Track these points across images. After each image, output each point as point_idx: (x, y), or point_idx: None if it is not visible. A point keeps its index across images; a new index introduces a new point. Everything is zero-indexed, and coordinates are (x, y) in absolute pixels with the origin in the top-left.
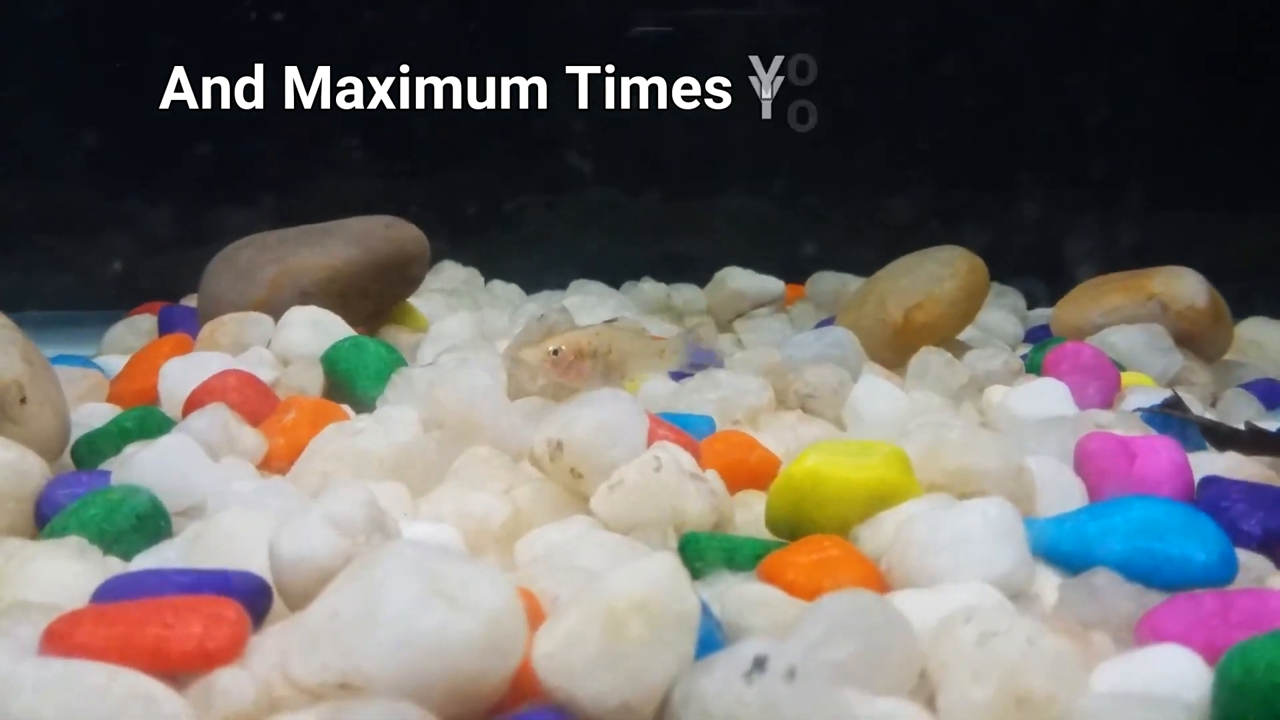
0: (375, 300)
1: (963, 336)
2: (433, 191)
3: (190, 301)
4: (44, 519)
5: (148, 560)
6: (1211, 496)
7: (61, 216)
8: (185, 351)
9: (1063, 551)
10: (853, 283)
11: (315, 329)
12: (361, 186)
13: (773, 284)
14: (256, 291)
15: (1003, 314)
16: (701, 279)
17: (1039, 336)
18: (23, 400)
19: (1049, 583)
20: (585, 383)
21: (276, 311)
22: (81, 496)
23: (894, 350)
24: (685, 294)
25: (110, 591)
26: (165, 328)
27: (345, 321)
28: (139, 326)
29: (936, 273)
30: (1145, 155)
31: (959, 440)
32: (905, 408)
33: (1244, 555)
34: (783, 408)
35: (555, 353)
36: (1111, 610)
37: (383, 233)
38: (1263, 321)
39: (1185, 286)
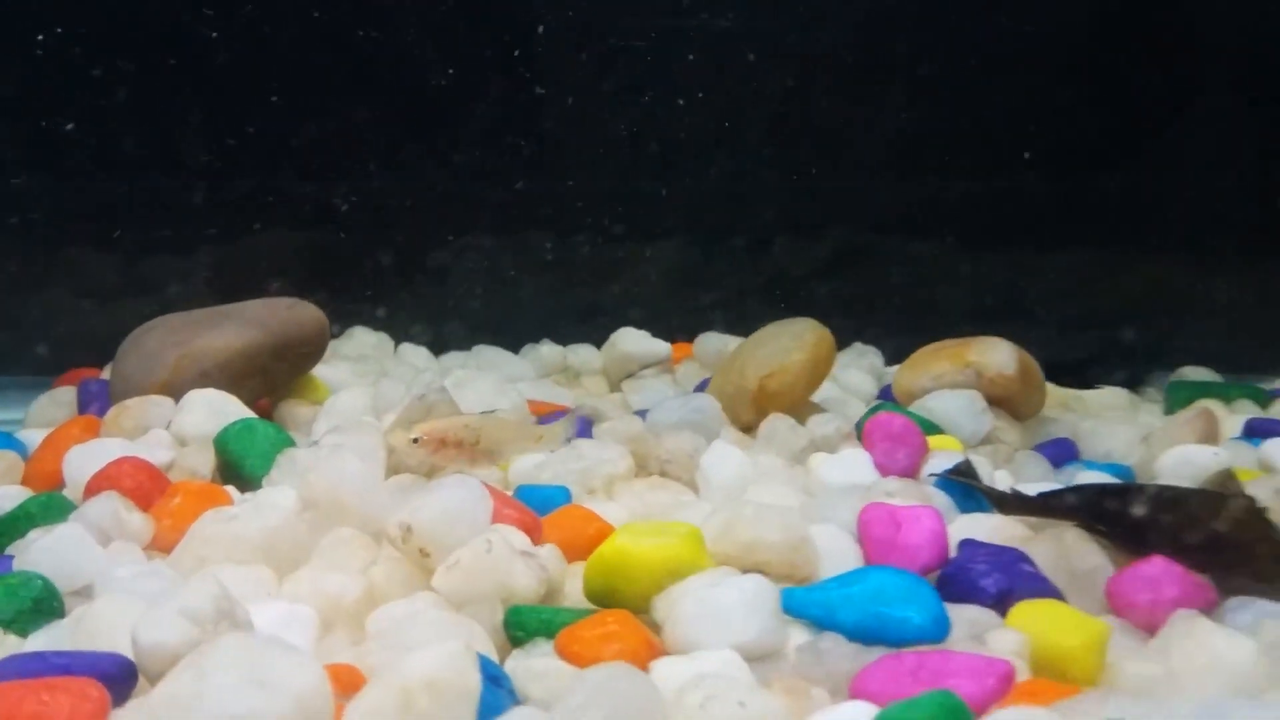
0: (274, 377)
1: (823, 395)
2: (345, 253)
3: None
4: None
5: (41, 638)
6: (962, 559)
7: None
8: (92, 434)
9: (813, 616)
10: (734, 343)
11: (211, 411)
12: (278, 248)
13: (660, 346)
14: (162, 373)
15: (860, 374)
16: (606, 335)
17: (889, 396)
18: None
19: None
20: (454, 464)
21: (179, 392)
22: None
23: (753, 414)
24: (581, 354)
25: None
26: (83, 401)
27: (243, 400)
28: (61, 399)
29: (788, 345)
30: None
31: (751, 516)
32: (750, 471)
33: (977, 611)
34: (644, 473)
35: (415, 441)
36: (833, 669)
37: (283, 314)
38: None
39: (996, 355)
